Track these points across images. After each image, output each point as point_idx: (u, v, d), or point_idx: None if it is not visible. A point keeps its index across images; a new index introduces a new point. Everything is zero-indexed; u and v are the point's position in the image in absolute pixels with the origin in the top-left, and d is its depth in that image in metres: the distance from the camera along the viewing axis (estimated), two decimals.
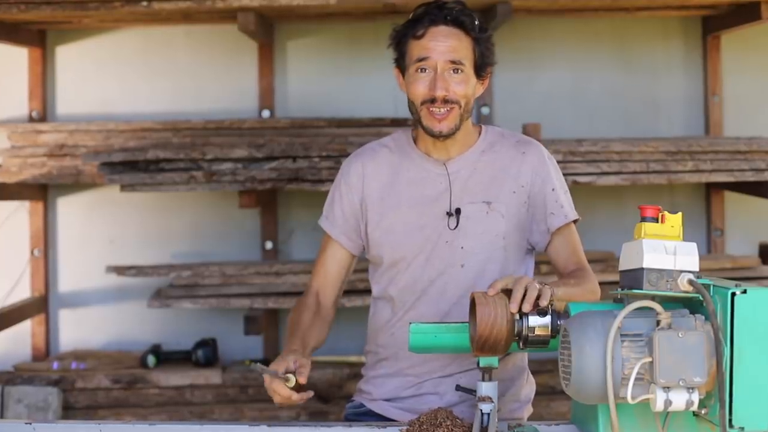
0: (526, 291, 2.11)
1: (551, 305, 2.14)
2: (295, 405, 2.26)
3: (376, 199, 2.56)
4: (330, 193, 2.64)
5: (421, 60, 2.41)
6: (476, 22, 2.44)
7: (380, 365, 2.62)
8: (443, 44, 2.40)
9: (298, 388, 2.23)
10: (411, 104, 2.47)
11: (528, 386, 2.65)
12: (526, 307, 2.09)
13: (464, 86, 2.42)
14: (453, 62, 2.40)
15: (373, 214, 2.56)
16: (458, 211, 2.50)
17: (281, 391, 2.21)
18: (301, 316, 2.54)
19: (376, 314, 2.64)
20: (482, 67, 2.46)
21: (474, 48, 2.43)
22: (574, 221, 2.57)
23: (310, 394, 2.26)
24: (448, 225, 2.49)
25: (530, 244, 2.57)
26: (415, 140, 2.58)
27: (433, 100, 2.40)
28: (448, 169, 2.52)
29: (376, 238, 2.56)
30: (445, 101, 2.40)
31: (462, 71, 2.41)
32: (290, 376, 2.21)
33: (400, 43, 2.48)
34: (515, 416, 2.58)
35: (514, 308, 2.09)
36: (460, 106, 2.42)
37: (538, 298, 2.11)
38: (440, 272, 2.51)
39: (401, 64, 2.49)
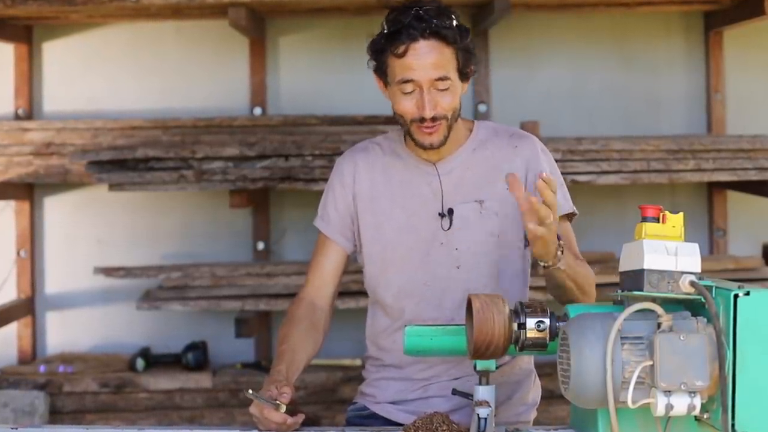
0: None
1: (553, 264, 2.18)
2: (289, 429, 2.22)
3: (367, 199, 2.54)
4: (324, 193, 2.62)
5: (405, 82, 2.36)
6: (456, 29, 2.36)
7: (384, 370, 2.60)
8: (426, 61, 2.33)
9: (290, 413, 2.23)
10: (399, 117, 2.42)
11: (535, 389, 2.64)
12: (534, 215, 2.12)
13: (451, 98, 2.37)
14: (438, 79, 2.35)
15: (364, 213, 2.54)
16: (451, 211, 2.47)
17: (275, 417, 2.18)
18: (291, 331, 2.49)
19: (375, 320, 2.61)
20: (465, 69, 2.41)
21: (457, 56, 2.37)
22: (570, 217, 2.52)
23: (302, 416, 2.24)
24: (442, 226, 2.47)
25: (526, 239, 2.52)
26: (406, 139, 2.54)
27: (422, 119, 2.37)
28: (438, 170, 2.49)
29: (367, 238, 2.54)
30: (434, 118, 2.36)
31: (448, 83, 2.36)
32: (280, 404, 2.18)
33: (379, 58, 2.41)
34: (522, 419, 2.56)
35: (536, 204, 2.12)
36: (448, 118, 2.39)
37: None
38: (436, 275, 2.48)
39: (381, 75, 2.43)
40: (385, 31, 2.38)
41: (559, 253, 2.25)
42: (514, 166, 2.48)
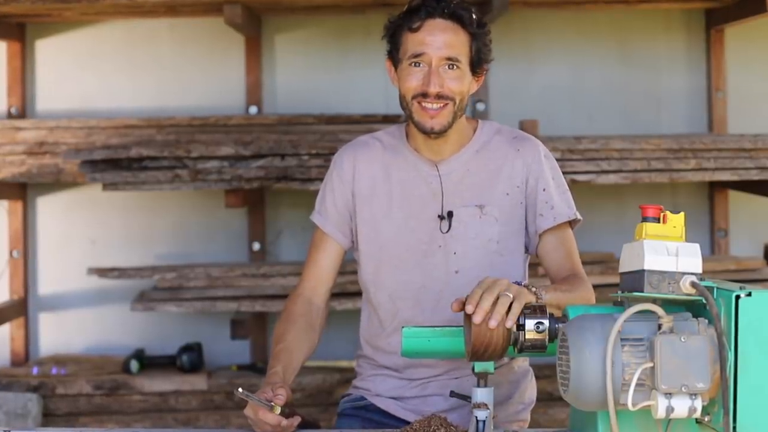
0: (497, 299, 2.03)
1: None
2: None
3: (366, 195, 2.52)
4: (322, 187, 2.61)
5: (416, 56, 2.36)
6: (474, 17, 2.39)
7: (380, 369, 2.58)
8: (439, 39, 2.35)
9: (286, 415, 2.20)
10: (402, 98, 2.41)
11: (531, 388, 2.63)
12: (492, 324, 2.00)
13: (459, 83, 2.36)
14: (449, 58, 2.35)
15: (362, 209, 2.52)
16: (450, 214, 2.45)
17: (269, 418, 2.14)
18: (288, 329, 2.47)
19: (369, 320, 2.59)
20: (478, 63, 2.41)
21: (471, 44, 2.39)
22: (573, 224, 2.49)
23: (298, 419, 2.22)
24: (440, 228, 2.45)
25: (527, 246, 2.51)
26: (407, 136, 2.52)
27: (425, 95, 2.35)
28: (439, 171, 2.47)
29: (364, 235, 2.52)
30: (439, 97, 2.35)
31: (457, 67, 2.36)
32: (275, 405, 2.15)
33: (395, 34, 2.42)
34: (520, 418, 2.56)
35: (476, 320, 2.01)
36: (455, 103, 2.37)
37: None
38: (434, 278, 2.46)
39: (394, 56, 2.44)
40: (405, 9, 2.41)
41: (539, 299, 2.18)
42: (516, 169, 2.46)
